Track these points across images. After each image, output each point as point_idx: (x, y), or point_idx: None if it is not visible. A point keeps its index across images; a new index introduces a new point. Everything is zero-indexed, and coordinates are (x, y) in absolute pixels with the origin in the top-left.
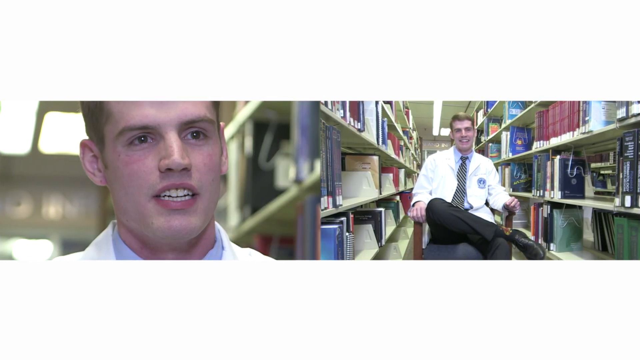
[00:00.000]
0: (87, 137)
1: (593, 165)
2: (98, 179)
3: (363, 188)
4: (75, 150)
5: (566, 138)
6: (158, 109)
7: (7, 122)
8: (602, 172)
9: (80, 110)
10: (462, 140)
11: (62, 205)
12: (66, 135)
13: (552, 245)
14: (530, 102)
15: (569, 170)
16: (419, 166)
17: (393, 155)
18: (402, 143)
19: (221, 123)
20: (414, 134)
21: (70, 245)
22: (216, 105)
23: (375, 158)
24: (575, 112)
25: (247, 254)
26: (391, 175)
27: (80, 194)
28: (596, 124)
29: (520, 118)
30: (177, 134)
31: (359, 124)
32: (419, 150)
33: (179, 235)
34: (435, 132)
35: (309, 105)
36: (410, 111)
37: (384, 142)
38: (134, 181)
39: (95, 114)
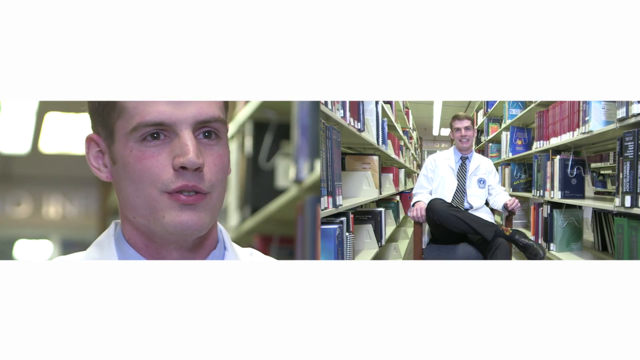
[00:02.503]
0: (92, 132)
1: (593, 165)
2: (104, 175)
3: (363, 188)
4: (76, 150)
5: (566, 138)
6: (174, 107)
7: (7, 122)
8: (602, 172)
9: (88, 105)
10: (462, 140)
11: (62, 205)
12: (66, 135)
13: (552, 245)
14: (530, 102)
15: (569, 170)
16: (419, 166)
17: (393, 155)
18: (402, 143)
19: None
20: (414, 134)
21: (70, 245)
22: (227, 106)
23: (375, 158)
24: (575, 112)
25: (248, 253)
26: (391, 175)
27: (80, 194)
28: (596, 124)
29: (520, 118)
30: (192, 132)
31: (359, 124)
32: (419, 150)
33: (189, 231)
34: (435, 132)
35: (309, 105)
36: (410, 111)
37: (384, 142)
38: (146, 177)
39: (107, 109)
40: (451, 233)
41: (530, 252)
